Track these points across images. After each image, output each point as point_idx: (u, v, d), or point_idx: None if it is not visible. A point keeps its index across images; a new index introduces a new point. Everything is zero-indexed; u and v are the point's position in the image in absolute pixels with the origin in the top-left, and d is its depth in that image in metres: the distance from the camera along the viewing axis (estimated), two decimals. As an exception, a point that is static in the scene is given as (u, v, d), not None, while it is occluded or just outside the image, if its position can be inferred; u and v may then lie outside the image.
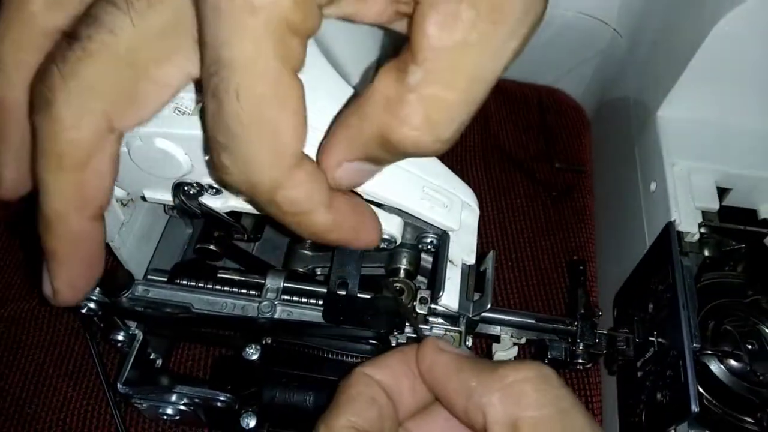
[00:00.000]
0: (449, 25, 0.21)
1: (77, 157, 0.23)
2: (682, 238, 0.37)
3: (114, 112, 0.23)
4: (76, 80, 0.22)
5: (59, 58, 0.22)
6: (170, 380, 0.35)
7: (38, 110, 0.23)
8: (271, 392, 0.33)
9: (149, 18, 0.22)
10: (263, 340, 0.33)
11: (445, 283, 0.33)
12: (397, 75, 0.22)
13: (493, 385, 0.24)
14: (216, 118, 0.22)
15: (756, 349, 0.35)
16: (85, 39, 0.22)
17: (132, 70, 0.23)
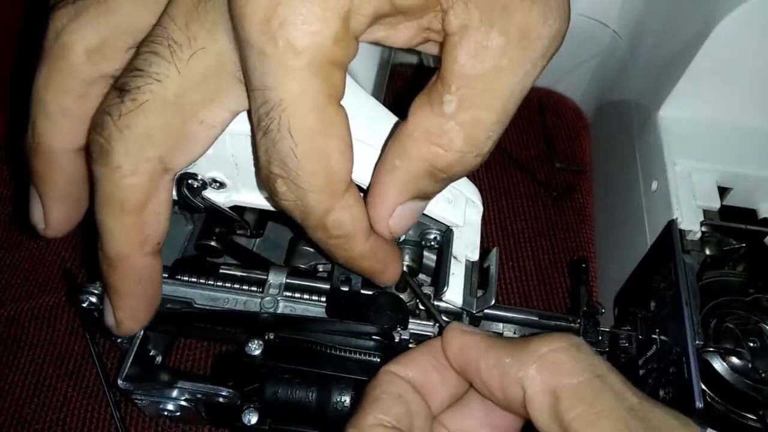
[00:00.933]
0: (481, 54, 0.23)
1: (137, 201, 0.25)
2: (683, 236, 0.38)
3: (168, 155, 0.25)
4: (131, 131, 0.24)
5: (113, 110, 0.24)
6: (171, 376, 0.34)
7: (96, 159, 0.24)
8: (273, 388, 0.33)
9: (193, 64, 0.23)
10: (266, 335, 0.33)
11: (449, 278, 0.33)
12: (431, 107, 0.24)
13: (528, 358, 0.24)
14: (270, 153, 0.23)
15: (758, 346, 0.35)
16: (134, 91, 0.23)
17: (181, 115, 0.24)
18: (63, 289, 0.49)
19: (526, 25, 0.22)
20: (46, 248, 0.51)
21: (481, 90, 0.23)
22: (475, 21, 0.22)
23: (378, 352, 0.33)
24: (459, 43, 0.22)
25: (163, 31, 0.23)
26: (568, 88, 0.63)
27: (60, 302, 0.48)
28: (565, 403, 0.23)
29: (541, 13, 0.23)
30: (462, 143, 0.24)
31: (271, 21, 0.21)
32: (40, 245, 0.51)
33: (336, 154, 0.24)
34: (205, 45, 0.23)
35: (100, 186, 0.25)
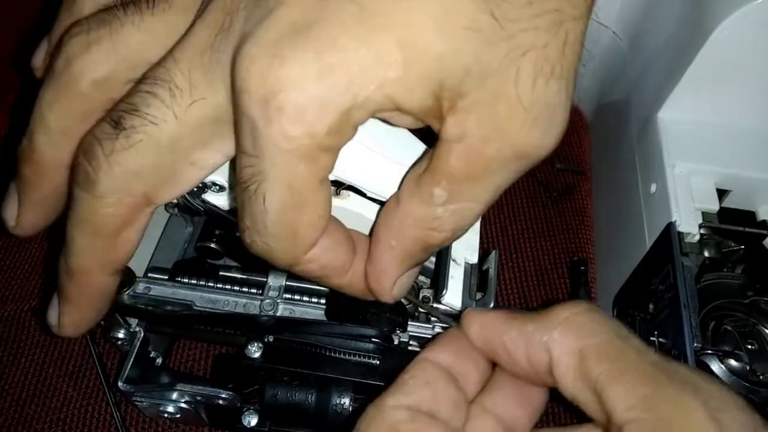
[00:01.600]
0: (472, 162, 0.23)
1: (111, 228, 0.26)
2: (682, 238, 0.38)
3: (153, 192, 0.25)
4: (120, 167, 0.24)
5: (105, 143, 0.24)
6: (171, 378, 0.34)
7: (80, 184, 0.25)
8: (272, 390, 0.33)
9: (191, 113, 0.24)
10: (265, 338, 0.33)
11: (448, 281, 0.33)
12: (421, 197, 0.25)
13: (550, 323, 0.25)
14: (244, 207, 0.24)
15: (756, 349, 0.35)
16: (129, 129, 0.24)
17: (173, 157, 0.25)
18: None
19: (523, 147, 0.23)
20: (47, 249, 0.51)
21: (470, 188, 0.24)
22: (472, 134, 0.22)
23: (377, 355, 0.33)
24: (452, 148, 0.23)
25: (165, 74, 0.24)
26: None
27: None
28: (591, 360, 0.23)
29: (539, 137, 0.23)
30: (452, 226, 0.25)
31: (269, 103, 0.21)
32: (40, 245, 0.51)
33: (303, 227, 0.24)
34: (205, 95, 0.23)
35: (77, 207, 0.25)
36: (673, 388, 0.22)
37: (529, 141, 0.23)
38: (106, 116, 0.25)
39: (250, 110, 0.21)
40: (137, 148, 0.24)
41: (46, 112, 0.26)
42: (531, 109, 0.22)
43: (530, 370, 0.25)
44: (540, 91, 0.22)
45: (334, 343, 0.33)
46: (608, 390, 0.22)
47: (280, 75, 0.21)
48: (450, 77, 0.21)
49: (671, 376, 0.22)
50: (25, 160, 0.27)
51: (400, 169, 0.28)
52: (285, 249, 0.25)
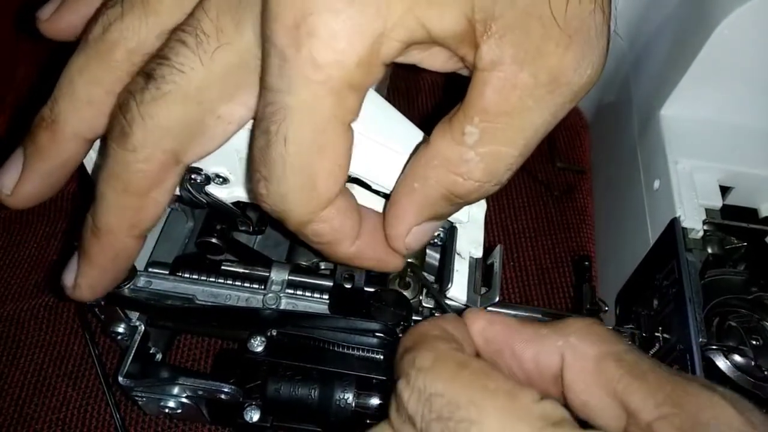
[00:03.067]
0: (508, 92, 0.22)
1: (142, 186, 0.26)
2: (686, 234, 0.38)
3: (182, 149, 0.26)
4: (152, 120, 0.24)
5: (138, 95, 0.24)
6: (172, 373, 0.34)
7: (114, 138, 0.25)
8: (275, 385, 0.33)
9: (217, 58, 0.24)
10: (268, 332, 0.32)
11: (453, 275, 0.33)
12: (452, 136, 0.24)
13: (566, 329, 0.24)
14: (261, 153, 0.24)
15: (761, 344, 0.35)
16: (159, 79, 0.24)
17: (200, 109, 0.25)
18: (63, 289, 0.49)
19: (558, 71, 0.22)
20: (46, 248, 0.51)
21: (504, 126, 0.23)
22: (507, 59, 0.22)
23: (381, 349, 0.33)
24: (487, 78, 0.22)
25: (193, 21, 0.24)
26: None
27: (60, 302, 0.48)
28: (610, 365, 0.23)
29: (575, 59, 0.22)
30: (481, 174, 0.24)
31: (299, 27, 0.21)
32: (40, 245, 0.51)
33: (324, 175, 0.24)
34: (231, 40, 0.23)
35: (110, 161, 0.25)
36: (696, 388, 0.21)
37: (565, 63, 0.22)
38: (139, 72, 0.25)
39: (279, 38, 0.21)
40: (167, 99, 0.24)
41: (76, 79, 0.26)
42: (566, 27, 0.21)
43: (535, 375, 0.25)
44: (574, 10, 0.21)
45: (337, 337, 0.33)
46: (631, 391, 0.22)
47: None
48: None
49: (690, 380, 0.22)
50: (44, 127, 0.27)
51: (405, 161, 0.28)
52: (301, 201, 0.24)
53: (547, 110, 0.23)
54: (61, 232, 0.52)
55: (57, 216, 0.53)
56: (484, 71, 0.22)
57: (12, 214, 0.53)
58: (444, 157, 0.24)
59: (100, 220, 0.27)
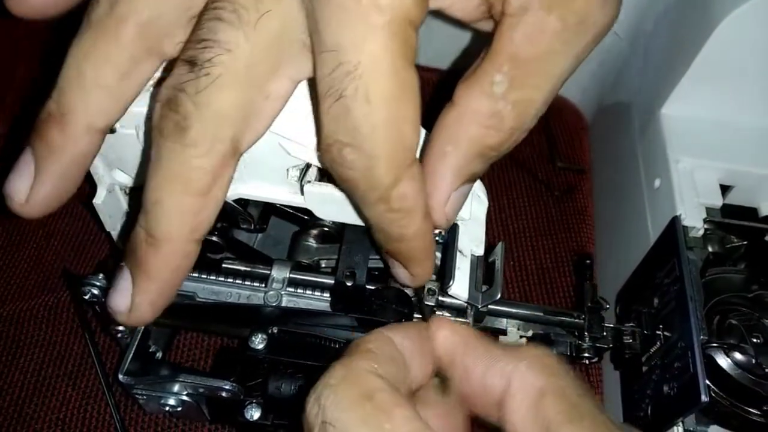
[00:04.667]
0: (537, 37, 0.23)
1: (203, 183, 0.24)
2: (686, 233, 0.38)
3: (238, 135, 0.24)
4: (208, 108, 0.22)
5: (188, 86, 0.22)
6: (172, 370, 0.34)
7: (169, 136, 0.23)
8: (276, 383, 0.33)
9: (260, 29, 0.22)
10: (269, 329, 0.32)
11: (454, 272, 0.32)
12: (481, 87, 0.23)
13: (519, 354, 0.24)
14: (341, 120, 0.22)
15: (761, 342, 0.35)
16: (206, 64, 0.22)
17: (251, 89, 0.23)
18: (62, 289, 0.49)
19: (585, 12, 0.23)
20: (45, 248, 0.51)
21: (533, 71, 0.23)
22: (535, 4, 0.22)
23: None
24: (516, 24, 0.22)
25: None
26: (568, 88, 0.63)
27: (59, 302, 0.48)
28: (551, 399, 0.22)
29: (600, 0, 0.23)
30: (513, 122, 0.24)
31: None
32: (39, 245, 0.51)
33: (410, 122, 0.23)
34: (270, 7, 0.22)
35: (165, 163, 0.23)
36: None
37: (590, 3, 0.23)
38: (178, 62, 0.23)
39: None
40: (218, 84, 0.22)
41: (82, 64, 0.24)
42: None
43: (479, 393, 0.24)
44: None
45: (338, 334, 0.33)
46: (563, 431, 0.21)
47: None
48: None
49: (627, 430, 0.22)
50: (52, 122, 0.24)
51: None
52: (393, 156, 0.23)
53: (573, 52, 0.23)
54: (61, 233, 0.52)
55: (56, 216, 0.53)
56: (513, 17, 0.22)
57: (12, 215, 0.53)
58: (474, 112, 0.24)
59: (158, 229, 0.24)
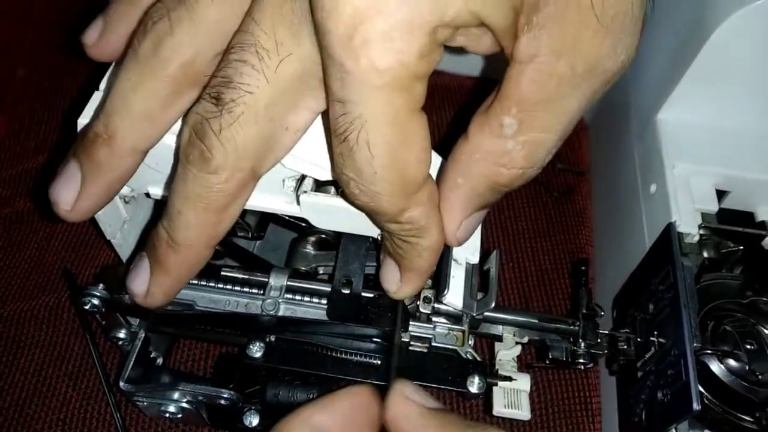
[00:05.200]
0: (545, 82, 0.23)
1: (222, 203, 0.26)
2: (681, 239, 0.38)
3: (258, 164, 0.26)
4: (231, 143, 0.25)
5: (213, 122, 0.24)
6: (173, 378, 0.34)
7: (194, 162, 0.25)
8: (274, 390, 0.33)
9: (281, 72, 0.24)
10: (267, 338, 0.33)
11: (449, 281, 0.33)
12: (490, 129, 0.24)
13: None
14: (345, 159, 0.24)
15: (755, 348, 0.35)
16: (230, 103, 0.24)
17: (271, 125, 0.25)
18: (63, 290, 0.49)
19: (595, 60, 0.22)
20: (46, 248, 0.51)
21: (542, 114, 0.23)
22: (544, 50, 0.22)
23: (378, 354, 0.33)
24: (524, 70, 0.23)
25: (249, 37, 0.24)
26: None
27: (60, 302, 0.48)
28: None
29: (611, 47, 0.22)
30: (523, 161, 0.24)
31: (353, 39, 0.21)
32: (40, 245, 0.51)
33: (413, 163, 0.24)
34: (291, 51, 0.24)
35: (189, 184, 0.26)
36: None
37: (601, 52, 0.22)
38: (205, 92, 0.25)
39: (335, 51, 0.21)
40: (241, 122, 0.24)
41: (130, 96, 0.26)
42: (603, 16, 0.21)
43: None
44: None
45: (335, 342, 0.33)
46: None
47: (358, 5, 0.20)
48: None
49: None
50: (101, 143, 0.27)
51: None
52: (395, 193, 0.24)
53: (583, 96, 0.23)
54: (61, 233, 0.52)
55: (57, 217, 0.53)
56: (522, 63, 0.23)
57: (12, 215, 0.53)
58: (485, 150, 0.25)
59: (179, 235, 0.27)
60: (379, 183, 0.24)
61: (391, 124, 0.22)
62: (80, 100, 0.31)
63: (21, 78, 0.63)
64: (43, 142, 0.58)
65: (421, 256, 0.28)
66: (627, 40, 0.23)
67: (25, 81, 0.62)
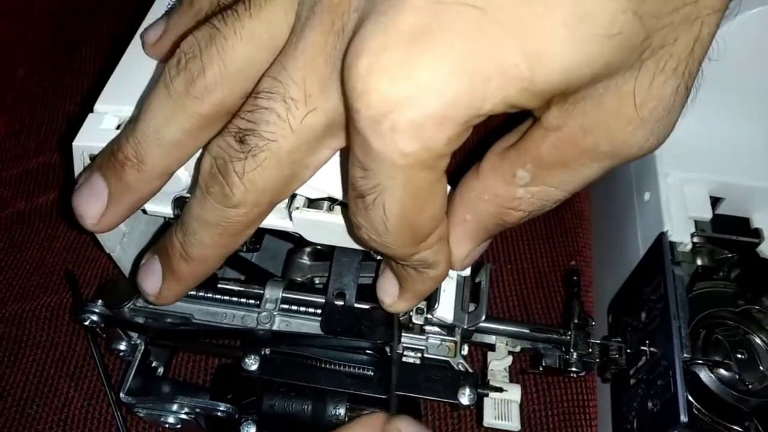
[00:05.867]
0: (566, 149, 0.23)
1: (238, 230, 0.28)
2: (674, 248, 0.38)
3: (277, 198, 0.27)
4: (252, 185, 0.25)
5: (236, 164, 0.25)
6: (171, 389, 0.35)
7: (215, 196, 0.26)
8: (270, 401, 0.34)
9: (306, 122, 0.24)
10: (262, 351, 0.33)
11: (440, 295, 0.33)
12: (503, 176, 0.25)
13: None
14: (359, 210, 0.24)
15: (745, 358, 0.35)
16: (254, 148, 0.25)
17: (292, 168, 0.26)
18: (64, 290, 0.49)
19: (622, 145, 0.22)
20: (48, 249, 0.52)
21: (557, 174, 0.24)
22: (573, 124, 0.22)
23: (372, 367, 0.34)
24: (548, 136, 0.22)
25: (279, 87, 0.24)
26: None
27: (61, 303, 0.48)
28: None
29: (643, 138, 0.22)
30: (531, 207, 0.25)
31: (381, 123, 0.20)
32: (41, 246, 0.52)
33: (426, 222, 0.24)
34: (318, 104, 0.24)
35: (207, 212, 0.27)
36: None
37: (632, 140, 0.22)
38: (229, 129, 0.25)
39: (360, 127, 0.21)
40: (263, 167, 0.25)
41: (162, 128, 0.27)
42: (642, 107, 0.21)
43: None
44: (656, 91, 0.21)
45: (329, 354, 0.34)
46: None
47: (391, 95, 0.19)
48: (575, 85, 0.20)
49: None
50: (131, 167, 0.28)
51: None
52: (404, 244, 0.25)
53: (602, 168, 0.23)
54: (63, 234, 0.53)
55: (58, 218, 0.53)
56: (548, 130, 0.22)
57: (13, 216, 0.54)
58: (494, 194, 0.25)
59: (192, 252, 0.29)
60: (390, 237, 0.24)
61: (410, 197, 0.22)
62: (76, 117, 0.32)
63: (21, 78, 0.63)
64: (44, 142, 0.58)
65: (425, 284, 0.29)
66: (660, 131, 0.22)
67: (25, 81, 0.63)
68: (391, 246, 0.25)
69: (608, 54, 0.19)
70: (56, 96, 0.62)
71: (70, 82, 0.62)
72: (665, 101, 0.21)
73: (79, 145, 0.31)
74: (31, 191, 0.55)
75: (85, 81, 0.62)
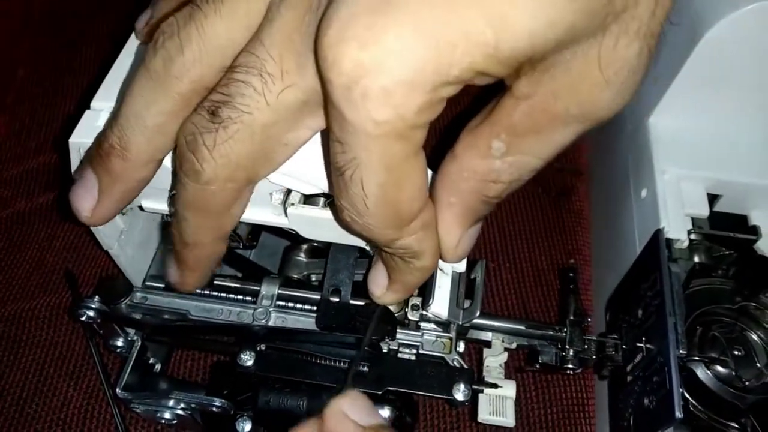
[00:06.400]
0: (537, 116, 0.23)
1: (220, 207, 0.27)
2: (671, 244, 0.38)
3: (252, 174, 0.27)
4: (223, 159, 0.25)
5: (207, 137, 0.25)
6: (168, 385, 0.35)
7: (187, 174, 0.26)
8: (265, 397, 0.34)
9: (282, 99, 0.24)
10: (258, 346, 0.33)
11: (434, 291, 0.33)
12: (478, 150, 0.25)
13: None
14: (341, 190, 0.24)
15: (742, 355, 0.35)
16: (226, 120, 0.24)
17: (268, 142, 0.26)
18: (64, 290, 0.50)
19: (590, 107, 0.23)
20: (47, 249, 0.52)
21: (530, 141, 0.24)
22: (542, 90, 0.22)
23: (367, 362, 0.34)
24: (519, 104, 0.23)
25: (255, 61, 0.24)
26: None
27: (61, 302, 0.49)
28: None
29: (611, 98, 0.22)
30: (510, 176, 0.25)
31: (352, 90, 0.20)
32: (41, 246, 0.52)
33: (406, 202, 0.24)
34: (295, 81, 0.24)
35: (186, 192, 0.27)
36: None
37: (599, 102, 0.22)
38: (202, 104, 0.25)
39: (335, 98, 0.21)
40: (235, 139, 0.25)
41: (143, 112, 0.27)
42: (607, 69, 0.21)
43: None
44: (621, 53, 0.21)
45: (324, 350, 0.34)
46: None
47: (360, 60, 0.20)
48: (540, 50, 0.21)
49: None
50: (116, 156, 0.28)
51: None
52: (386, 226, 0.25)
53: (573, 132, 0.24)
54: (63, 234, 0.53)
55: (58, 218, 0.54)
56: (518, 99, 0.23)
57: (13, 216, 0.54)
58: (473, 171, 0.25)
59: (187, 237, 0.29)
60: (371, 217, 0.24)
61: (385, 169, 0.23)
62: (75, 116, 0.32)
63: (21, 78, 0.63)
64: (44, 143, 0.59)
65: (413, 274, 0.29)
66: (625, 92, 0.23)
67: (25, 81, 0.63)
68: (373, 228, 0.25)
69: (571, 17, 0.20)
70: (56, 96, 0.62)
71: (70, 82, 0.63)
72: (629, 63, 0.22)
73: (75, 142, 0.31)
74: (31, 191, 0.56)
75: (84, 81, 0.63)
